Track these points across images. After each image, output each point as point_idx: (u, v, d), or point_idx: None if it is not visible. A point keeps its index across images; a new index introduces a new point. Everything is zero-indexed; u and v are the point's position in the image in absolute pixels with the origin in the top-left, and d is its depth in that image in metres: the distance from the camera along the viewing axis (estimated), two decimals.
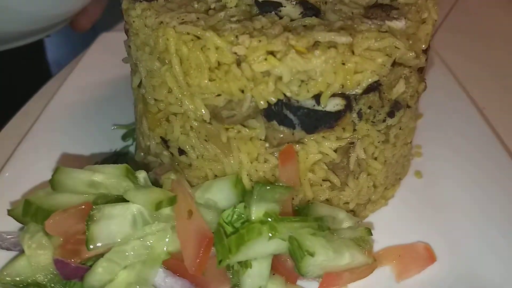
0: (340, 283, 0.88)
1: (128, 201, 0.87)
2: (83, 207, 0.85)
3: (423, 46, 0.91)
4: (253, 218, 0.81)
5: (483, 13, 2.17)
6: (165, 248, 0.85)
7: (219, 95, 0.84)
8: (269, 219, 0.79)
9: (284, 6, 0.89)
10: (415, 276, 0.93)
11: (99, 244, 0.83)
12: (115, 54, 1.19)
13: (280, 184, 0.87)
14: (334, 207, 0.95)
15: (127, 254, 0.84)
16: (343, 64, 0.79)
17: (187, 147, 0.94)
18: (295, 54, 0.76)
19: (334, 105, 0.85)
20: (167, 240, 0.85)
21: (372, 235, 0.92)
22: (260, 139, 0.89)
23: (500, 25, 2.08)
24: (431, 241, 0.99)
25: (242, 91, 0.82)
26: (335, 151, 0.91)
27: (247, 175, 0.92)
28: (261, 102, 0.82)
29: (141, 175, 0.93)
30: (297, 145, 0.89)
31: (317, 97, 0.83)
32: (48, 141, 1.22)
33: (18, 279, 0.84)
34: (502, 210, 1.03)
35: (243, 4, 0.90)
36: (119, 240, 0.84)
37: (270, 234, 0.79)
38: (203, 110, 0.86)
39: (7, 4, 1.27)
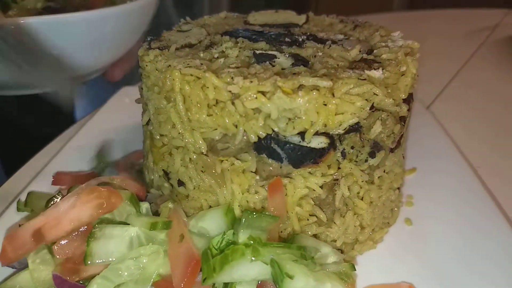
0: None
1: (128, 224, 0.94)
2: (86, 227, 0.93)
3: (402, 95, 1.02)
4: (240, 241, 0.87)
5: (481, 78, 2.30)
6: (156, 270, 0.91)
7: (215, 129, 0.95)
8: (252, 242, 0.85)
9: (278, 58, 1.02)
10: None
11: (96, 261, 0.90)
12: (133, 105, 1.31)
13: (268, 213, 0.94)
14: (320, 241, 0.99)
15: (121, 272, 0.90)
16: (325, 104, 0.89)
17: (186, 178, 1.03)
18: (281, 93, 0.87)
19: (318, 142, 0.94)
20: (159, 262, 0.91)
21: (355, 270, 0.96)
22: (251, 171, 0.97)
23: (497, 88, 2.19)
24: (416, 283, 1.01)
25: (236, 126, 0.93)
26: (321, 187, 0.99)
27: (239, 205, 0.99)
28: (252, 136, 0.92)
29: (144, 205, 1.02)
30: (285, 179, 0.97)
31: (302, 134, 0.92)
32: None
33: None
34: (489, 263, 1.04)
35: (243, 55, 1.03)
36: (115, 259, 0.91)
37: (253, 258, 0.84)
38: (201, 142, 0.96)
39: (59, 52, 1.43)
